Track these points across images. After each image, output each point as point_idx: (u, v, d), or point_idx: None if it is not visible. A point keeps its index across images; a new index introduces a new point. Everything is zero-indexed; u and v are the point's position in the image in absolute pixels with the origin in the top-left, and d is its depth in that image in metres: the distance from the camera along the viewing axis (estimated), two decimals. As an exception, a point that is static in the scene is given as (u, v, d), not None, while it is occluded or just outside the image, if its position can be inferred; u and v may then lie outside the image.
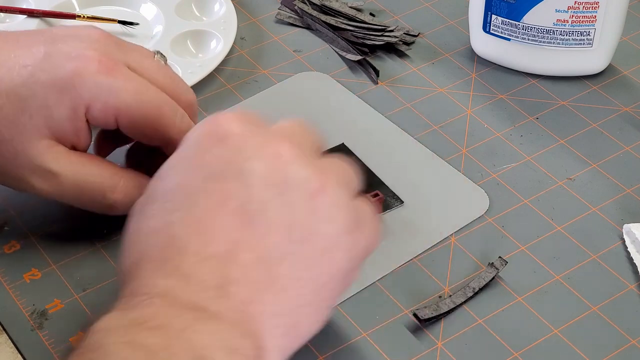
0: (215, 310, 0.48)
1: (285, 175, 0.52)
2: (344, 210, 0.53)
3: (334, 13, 0.85)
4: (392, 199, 0.70)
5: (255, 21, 0.86)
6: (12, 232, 0.68)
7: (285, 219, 0.51)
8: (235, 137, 0.53)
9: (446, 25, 0.85)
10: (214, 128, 0.53)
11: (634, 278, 0.65)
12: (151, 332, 0.47)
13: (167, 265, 0.50)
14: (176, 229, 0.51)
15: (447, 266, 0.65)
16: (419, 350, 0.61)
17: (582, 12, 0.75)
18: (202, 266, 0.49)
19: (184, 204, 0.51)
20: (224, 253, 0.50)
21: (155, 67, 0.65)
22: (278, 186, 0.51)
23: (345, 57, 0.81)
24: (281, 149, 0.52)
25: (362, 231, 0.54)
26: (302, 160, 0.53)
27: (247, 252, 0.50)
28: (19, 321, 0.62)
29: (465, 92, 0.79)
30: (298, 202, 0.51)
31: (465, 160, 0.73)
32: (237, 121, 0.54)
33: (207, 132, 0.53)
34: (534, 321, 0.62)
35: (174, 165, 0.54)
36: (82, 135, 0.62)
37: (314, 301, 0.52)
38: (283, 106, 0.78)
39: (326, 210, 0.52)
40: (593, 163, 0.73)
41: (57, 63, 0.61)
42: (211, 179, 0.51)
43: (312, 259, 0.51)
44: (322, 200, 0.52)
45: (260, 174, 0.51)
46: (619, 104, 0.78)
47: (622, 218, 0.69)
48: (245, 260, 0.50)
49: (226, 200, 0.51)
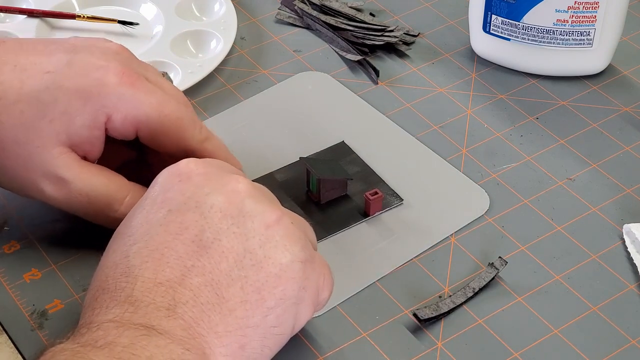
0: (163, 328, 0.50)
1: (242, 208, 0.54)
2: (298, 242, 0.55)
3: (334, 13, 0.85)
4: (392, 197, 0.70)
5: (255, 21, 0.86)
6: (12, 232, 0.68)
7: (239, 246, 0.53)
8: (198, 176, 0.56)
9: (446, 25, 0.85)
10: (179, 169, 0.56)
11: (634, 278, 0.65)
12: (98, 350, 0.48)
13: (121, 294, 0.52)
14: (133, 260, 0.53)
15: (447, 266, 0.66)
16: (419, 350, 0.61)
17: (582, 12, 0.75)
18: (154, 291, 0.51)
19: (143, 237, 0.54)
20: (176, 278, 0.52)
21: (168, 83, 0.66)
22: (234, 217, 0.54)
23: (345, 57, 0.81)
24: (240, 185, 0.55)
25: (315, 269, 0.56)
26: (258, 196, 0.56)
27: (198, 277, 0.52)
28: (19, 321, 0.62)
29: (465, 92, 0.79)
30: (253, 231, 0.54)
31: (465, 160, 0.73)
32: (202, 163, 0.57)
33: (172, 173, 0.56)
34: (534, 321, 0.62)
35: (141, 204, 0.56)
36: (97, 145, 0.63)
37: (260, 324, 0.53)
38: (283, 106, 0.78)
39: (280, 239, 0.54)
40: (593, 163, 0.73)
41: (81, 72, 0.61)
42: (171, 212, 0.54)
43: (261, 283, 0.53)
44: (276, 230, 0.54)
45: (218, 207, 0.54)
46: (619, 104, 0.78)
47: (622, 218, 0.69)
48: (196, 283, 0.52)
49: (183, 230, 0.53)
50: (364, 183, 0.71)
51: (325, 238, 0.67)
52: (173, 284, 0.52)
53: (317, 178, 0.68)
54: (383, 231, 0.68)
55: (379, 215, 0.68)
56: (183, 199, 0.54)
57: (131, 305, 0.51)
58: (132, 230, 0.55)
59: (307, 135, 0.75)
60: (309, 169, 0.69)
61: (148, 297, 0.51)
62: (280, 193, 0.70)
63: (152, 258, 0.52)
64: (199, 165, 0.56)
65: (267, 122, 0.76)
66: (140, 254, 0.53)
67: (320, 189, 0.68)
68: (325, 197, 0.69)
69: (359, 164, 0.72)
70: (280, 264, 0.54)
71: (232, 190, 0.55)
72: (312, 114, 0.77)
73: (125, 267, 0.53)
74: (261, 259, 0.53)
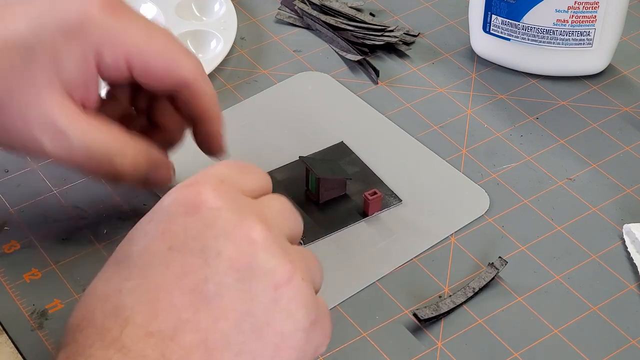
0: None
1: (252, 261, 0.49)
2: (305, 307, 0.50)
3: (334, 13, 0.85)
4: (391, 197, 0.70)
5: (255, 21, 0.86)
6: (12, 232, 0.68)
7: (241, 307, 0.48)
8: (208, 210, 0.50)
9: (446, 25, 0.85)
10: (189, 196, 0.50)
11: (634, 278, 0.65)
12: None
13: (108, 335, 0.47)
14: (125, 297, 0.48)
15: (447, 266, 0.66)
16: (419, 350, 0.61)
17: (582, 12, 0.75)
18: (144, 341, 0.47)
19: (140, 273, 0.49)
20: (169, 331, 0.47)
21: None
22: (241, 271, 0.49)
23: (345, 57, 0.81)
24: (253, 232, 0.49)
25: (317, 330, 0.51)
26: (273, 247, 0.49)
27: (192, 334, 0.48)
28: (19, 321, 0.62)
29: (465, 92, 0.79)
30: (259, 292, 0.49)
31: (465, 160, 0.73)
32: (215, 192, 0.50)
33: (181, 199, 0.50)
34: (534, 321, 0.62)
35: (144, 228, 0.51)
36: (92, 88, 0.59)
37: None
38: (283, 106, 0.78)
39: (286, 304, 0.49)
40: (593, 163, 0.73)
41: (62, 7, 0.58)
42: (174, 249, 0.49)
43: (259, 353, 0.49)
44: (284, 293, 0.49)
45: (226, 256, 0.49)
46: (619, 104, 0.78)
47: (622, 218, 0.69)
48: (189, 341, 0.47)
49: (184, 275, 0.48)
50: (363, 183, 0.71)
51: (323, 237, 0.67)
52: (164, 337, 0.47)
53: (317, 177, 0.68)
54: (383, 231, 0.68)
55: (379, 215, 0.68)
56: (188, 237, 0.49)
57: (118, 351, 0.47)
58: (129, 260, 0.50)
59: (307, 135, 0.75)
60: (308, 169, 0.69)
61: (137, 346, 0.47)
62: (280, 192, 0.70)
63: (146, 301, 0.48)
64: (211, 196, 0.50)
65: (267, 122, 0.76)
66: (134, 293, 0.48)
67: (319, 188, 0.68)
68: (324, 197, 0.69)
69: (359, 164, 0.72)
70: (282, 333, 0.49)
71: (245, 238, 0.49)
72: (312, 114, 0.77)
73: (116, 303, 0.48)
74: (263, 325, 0.49)
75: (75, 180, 0.71)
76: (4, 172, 0.72)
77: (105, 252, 0.66)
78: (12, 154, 0.63)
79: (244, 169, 0.54)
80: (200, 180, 0.51)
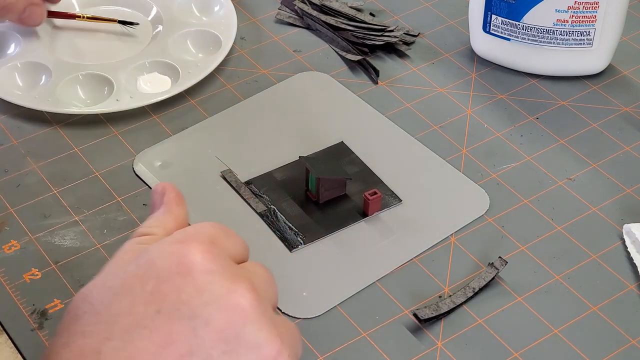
0: None
1: (241, 333, 0.47)
2: None
3: (334, 13, 0.85)
4: (391, 197, 0.70)
5: (255, 21, 0.86)
6: (12, 232, 0.68)
7: None
8: (200, 273, 0.48)
9: (446, 25, 0.85)
10: (180, 256, 0.48)
11: (634, 278, 0.65)
12: None
13: None
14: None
15: (447, 266, 0.65)
16: (419, 350, 0.61)
17: (582, 12, 0.75)
18: None
19: (123, 335, 0.47)
20: None
21: None
22: (229, 343, 0.47)
23: (345, 57, 0.81)
24: (243, 301, 0.47)
25: None
26: (262, 319, 0.48)
27: None
28: (19, 321, 0.62)
29: (465, 92, 0.79)
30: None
31: (465, 160, 0.73)
32: (207, 254, 0.48)
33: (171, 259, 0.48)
34: (534, 321, 0.62)
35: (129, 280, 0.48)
36: None
37: None
38: (283, 106, 0.78)
39: None
40: (593, 163, 0.73)
41: None
42: (161, 315, 0.47)
43: None
44: None
45: (215, 326, 0.47)
46: (619, 104, 0.78)
47: (622, 218, 0.69)
48: None
49: (170, 344, 0.46)
50: (363, 183, 0.71)
51: (323, 237, 0.67)
52: None
53: (316, 177, 0.68)
54: (383, 231, 0.68)
55: (379, 215, 0.68)
56: (177, 302, 0.47)
57: None
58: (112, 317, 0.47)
59: (307, 135, 0.75)
60: (308, 168, 0.69)
61: None
62: (280, 192, 0.70)
63: None
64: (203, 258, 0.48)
65: (267, 122, 0.76)
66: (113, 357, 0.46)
67: (319, 188, 0.68)
68: (324, 197, 0.69)
69: (358, 164, 0.72)
70: None
71: (235, 307, 0.47)
72: (312, 114, 0.77)
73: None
74: None
75: (75, 180, 0.71)
76: (4, 172, 0.72)
77: (105, 252, 0.66)
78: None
79: (227, 233, 0.52)
80: (191, 238, 0.49)
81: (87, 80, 0.78)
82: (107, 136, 0.75)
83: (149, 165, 0.73)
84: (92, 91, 0.78)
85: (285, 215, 0.68)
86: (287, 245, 0.67)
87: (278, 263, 0.66)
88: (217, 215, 0.69)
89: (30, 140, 0.75)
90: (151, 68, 0.79)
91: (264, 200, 0.69)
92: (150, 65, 0.79)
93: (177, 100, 0.78)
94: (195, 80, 0.78)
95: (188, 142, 0.75)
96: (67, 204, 0.69)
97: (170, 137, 0.75)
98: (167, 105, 0.77)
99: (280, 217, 0.68)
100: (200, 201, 0.70)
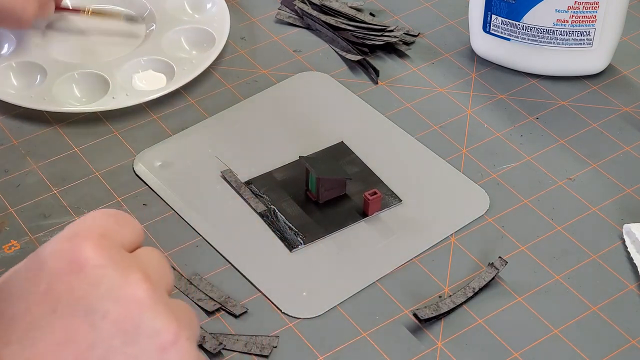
0: None
1: (139, 322, 0.47)
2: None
3: (334, 13, 0.85)
4: (391, 197, 0.70)
5: (255, 21, 0.86)
6: (12, 232, 0.68)
7: None
8: (93, 269, 0.48)
9: (446, 25, 0.85)
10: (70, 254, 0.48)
11: (634, 278, 0.65)
12: None
13: None
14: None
15: (447, 266, 0.65)
16: (419, 350, 0.61)
17: (582, 12, 0.75)
18: None
19: (21, 338, 0.46)
20: None
21: None
22: (129, 334, 0.47)
23: (345, 57, 0.81)
24: (138, 291, 0.48)
25: None
26: (158, 307, 0.48)
27: None
28: (19, 321, 0.62)
29: (465, 92, 0.79)
30: (145, 354, 0.47)
31: (465, 160, 0.73)
32: (97, 248, 0.48)
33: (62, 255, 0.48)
34: (534, 321, 0.62)
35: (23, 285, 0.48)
36: None
37: None
38: (283, 106, 0.78)
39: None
40: (593, 163, 0.73)
41: None
42: (57, 314, 0.47)
43: None
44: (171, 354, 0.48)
45: (112, 318, 0.47)
46: (619, 104, 0.78)
47: (622, 218, 0.69)
48: None
49: (69, 341, 0.46)
50: (363, 183, 0.71)
51: (323, 237, 0.67)
52: None
53: (316, 177, 0.68)
54: (383, 231, 0.68)
55: (379, 215, 0.68)
56: (72, 299, 0.47)
57: None
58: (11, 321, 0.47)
59: (307, 135, 0.75)
60: (308, 168, 0.69)
61: None
62: (280, 192, 0.70)
63: None
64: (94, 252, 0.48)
65: (267, 122, 0.76)
66: None
67: (319, 188, 0.68)
68: (324, 197, 0.69)
69: (358, 164, 0.72)
70: None
71: (131, 298, 0.48)
72: (312, 114, 0.77)
73: None
74: None
75: (75, 180, 0.71)
76: (4, 172, 0.72)
77: (105, 252, 0.66)
78: None
79: (119, 220, 0.52)
80: (79, 233, 0.49)
81: (83, 78, 0.78)
82: (107, 136, 0.75)
83: (149, 165, 0.73)
84: (88, 89, 0.78)
85: (285, 215, 0.68)
86: (287, 245, 0.67)
87: (278, 263, 0.66)
88: (217, 215, 0.69)
89: (30, 140, 0.75)
90: (146, 66, 0.79)
91: (264, 200, 0.69)
92: (146, 63, 0.80)
93: (177, 100, 0.78)
94: (190, 77, 0.78)
95: (188, 142, 0.75)
96: (67, 204, 0.69)
97: (170, 137, 0.75)
98: (167, 105, 0.77)
99: (280, 217, 0.68)
100: (200, 201, 0.70)
